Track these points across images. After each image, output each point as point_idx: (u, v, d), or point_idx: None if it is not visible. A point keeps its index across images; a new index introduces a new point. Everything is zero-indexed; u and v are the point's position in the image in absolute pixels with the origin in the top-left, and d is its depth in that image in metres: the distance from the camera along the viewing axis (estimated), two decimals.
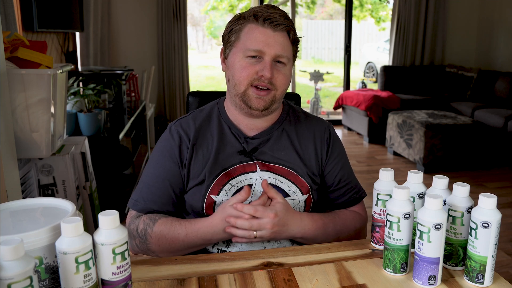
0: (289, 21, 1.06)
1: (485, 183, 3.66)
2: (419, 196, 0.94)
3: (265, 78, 1.03)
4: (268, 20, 1.03)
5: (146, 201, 1.10)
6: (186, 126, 1.14)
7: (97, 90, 2.52)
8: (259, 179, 1.10)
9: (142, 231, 1.06)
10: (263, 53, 1.03)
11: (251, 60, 1.05)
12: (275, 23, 1.03)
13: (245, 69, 1.05)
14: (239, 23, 1.07)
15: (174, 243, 1.04)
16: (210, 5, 10.69)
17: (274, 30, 1.04)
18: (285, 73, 1.07)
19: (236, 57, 1.06)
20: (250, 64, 1.05)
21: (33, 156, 1.66)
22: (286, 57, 1.06)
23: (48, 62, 1.64)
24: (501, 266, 2.35)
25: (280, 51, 1.04)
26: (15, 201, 0.80)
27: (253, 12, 1.05)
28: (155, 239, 1.05)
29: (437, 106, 4.92)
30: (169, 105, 5.03)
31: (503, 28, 5.29)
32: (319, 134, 1.18)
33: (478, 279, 0.85)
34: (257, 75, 1.04)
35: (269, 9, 1.05)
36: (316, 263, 0.93)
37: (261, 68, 1.04)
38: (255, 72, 1.04)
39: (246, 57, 1.05)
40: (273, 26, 1.03)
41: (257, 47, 1.03)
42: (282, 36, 1.05)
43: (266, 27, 1.04)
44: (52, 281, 0.71)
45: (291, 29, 1.06)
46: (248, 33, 1.05)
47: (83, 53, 4.35)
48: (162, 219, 1.06)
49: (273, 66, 1.05)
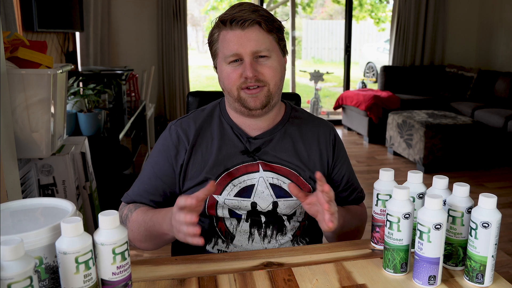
0: (257, 13, 1.04)
1: (485, 183, 3.66)
2: (419, 196, 0.94)
3: (249, 79, 1.03)
4: (234, 21, 1.03)
5: (136, 195, 1.14)
6: (186, 127, 1.14)
7: (97, 90, 2.51)
8: (261, 179, 1.10)
9: (124, 216, 1.09)
10: (241, 55, 1.04)
11: (233, 65, 1.05)
12: (241, 21, 1.03)
13: (230, 75, 1.05)
14: (215, 33, 1.08)
15: (141, 226, 1.04)
16: (210, 5, 10.69)
17: (243, 29, 1.03)
18: (271, 65, 1.06)
19: (221, 66, 1.08)
20: (233, 69, 1.05)
21: (33, 156, 1.66)
22: (264, 49, 1.04)
23: (48, 62, 1.64)
24: (501, 266, 2.35)
25: (255, 47, 1.03)
26: (15, 201, 0.80)
27: (220, 19, 1.06)
28: (131, 224, 1.07)
29: (437, 106, 4.92)
30: (169, 105, 5.03)
31: (503, 28, 5.29)
32: (324, 136, 1.18)
33: (478, 279, 0.85)
34: (242, 78, 1.04)
35: (234, 9, 1.05)
36: (316, 263, 0.93)
37: (243, 70, 1.04)
38: (240, 75, 1.04)
39: (228, 64, 1.06)
40: (240, 25, 1.03)
41: (232, 51, 1.03)
42: (253, 31, 1.04)
43: (234, 29, 1.04)
44: (52, 281, 0.71)
45: (261, 21, 1.04)
46: (223, 41, 1.06)
47: (83, 53, 4.35)
48: (144, 207, 1.09)
49: (255, 63, 1.04)
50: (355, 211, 1.19)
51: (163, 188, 1.12)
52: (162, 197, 1.13)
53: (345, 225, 1.09)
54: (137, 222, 1.06)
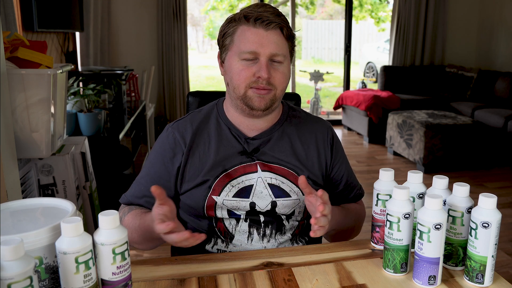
0: (281, 18, 1.04)
1: (485, 183, 3.66)
2: (419, 196, 0.94)
3: (262, 79, 1.03)
4: (259, 19, 1.02)
5: (132, 196, 1.15)
6: (183, 129, 1.14)
7: (97, 90, 2.51)
8: (259, 179, 1.10)
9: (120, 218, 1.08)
10: (258, 54, 1.02)
11: (247, 63, 1.04)
12: (267, 22, 1.02)
13: (242, 72, 1.04)
14: (232, 26, 1.06)
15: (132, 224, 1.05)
16: (210, 5, 10.69)
17: (266, 29, 1.02)
18: (283, 71, 1.06)
19: (232, 61, 1.06)
20: (246, 66, 1.04)
21: (33, 156, 1.66)
22: (282, 55, 1.04)
23: (48, 62, 1.64)
24: (501, 266, 2.35)
25: (274, 49, 1.03)
26: (15, 201, 0.80)
27: (243, 14, 1.04)
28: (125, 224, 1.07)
29: (437, 106, 4.92)
30: (169, 105, 5.03)
31: (503, 28, 5.29)
32: (321, 136, 1.18)
33: (478, 279, 0.85)
34: (254, 77, 1.03)
35: (259, 8, 1.04)
36: (316, 263, 0.93)
37: (257, 70, 1.03)
38: (252, 74, 1.03)
39: (241, 60, 1.04)
40: (264, 25, 1.02)
41: (251, 49, 1.02)
42: (275, 34, 1.03)
43: (258, 27, 1.02)
44: (52, 281, 0.71)
45: (284, 26, 1.04)
46: (241, 35, 1.04)
47: (83, 53, 4.35)
48: (136, 210, 1.09)
49: (270, 66, 1.04)
50: (352, 211, 1.19)
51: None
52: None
53: (339, 226, 1.10)
54: (130, 226, 1.06)
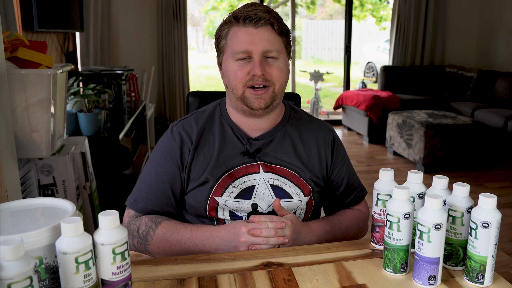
0: (270, 14, 1.05)
1: (485, 183, 3.66)
2: (419, 196, 0.94)
3: (257, 76, 1.03)
4: (248, 18, 1.03)
5: (146, 201, 1.11)
6: (188, 128, 1.14)
7: (97, 90, 2.51)
8: (261, 180, 1.10)
9: (143, 232, 1.06)
10: (251, 53, 1.04)
11: (241, 62, 1.05)
12: (255, 20, 1.03)
13: (237, 72, 1.05)
14: (224, 29, 1.08)
15: (174, 246, 1.05)
16: (210, 5, 10.69)
17: (256, 27, 1.04)
18: (278, 66, 1.06)
19: (228, 63, 1.07)
20: (241, 66, 1.05)
21: (33, 156, 1.66)
22: (275, 50, 1.05)
23: (48, 62, 1.64)
24: (501, 266, 2.35)
25: (266, 46, 1.04)
26: (15, 201, 0.80)
27: (233, 15, 1.06)
28: (156, 241, 1.05)
29: (437, 106, 4.92)
30: (169, 105, 5.03)
31: (503, 28, 5.29)
32: (323, 138, 1.18)
33: (478, 279, 0.85)
34: (249, 75, 1.04)
35: (248, 7, 1.06)
36: (316, 263, 0.93)
37: (251, 68, 1.04)
38: (247, 73, 1.04)
39: (236, 61, 1.05)
40: (253, 23, 1.03)
41: (243, 48, 1.04)
42: (266, 31, 1.04)
43: (247, 26, 1.04)
44: (52, 281, 0.71)
45: (273, 21, 1.05)
46: (233, 37, 1.06)
47: (83, 53, 4.34)
48: (165, 222, 1.07)
49: (264, 62, 1.05)
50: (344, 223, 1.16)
51: (172, 191, 1.11)
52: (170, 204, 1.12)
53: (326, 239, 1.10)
54: (166, 241, 1.04)
